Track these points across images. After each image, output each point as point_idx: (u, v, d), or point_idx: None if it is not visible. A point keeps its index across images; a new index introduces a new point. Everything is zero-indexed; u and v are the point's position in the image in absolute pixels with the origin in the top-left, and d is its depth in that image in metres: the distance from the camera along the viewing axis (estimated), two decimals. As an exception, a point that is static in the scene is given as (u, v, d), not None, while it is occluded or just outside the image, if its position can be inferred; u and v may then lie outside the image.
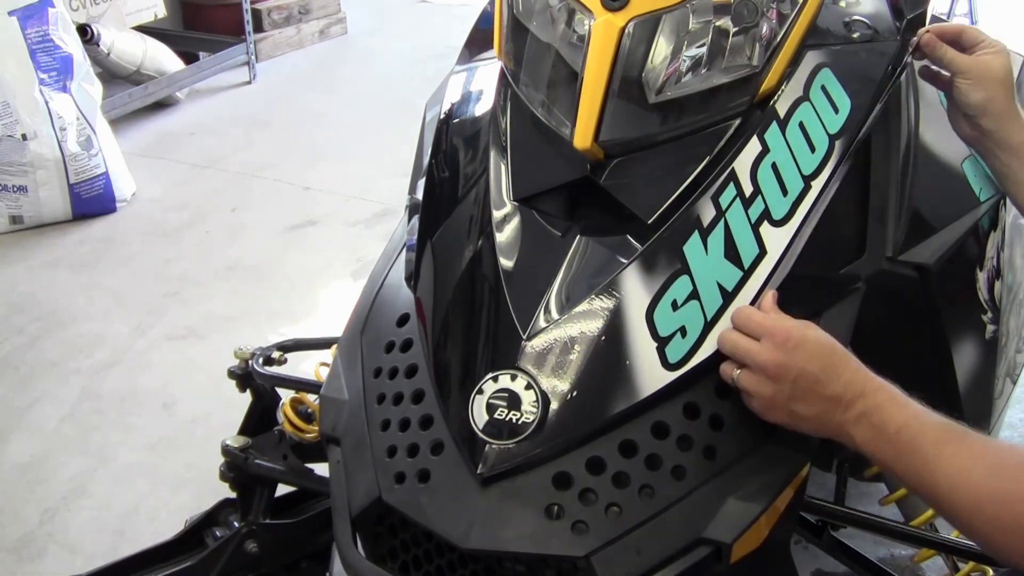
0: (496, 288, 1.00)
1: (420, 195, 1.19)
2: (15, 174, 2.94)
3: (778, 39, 1.01)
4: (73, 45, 3.06)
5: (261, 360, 1.48)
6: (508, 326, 0.96)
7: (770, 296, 0.93)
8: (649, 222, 0.98)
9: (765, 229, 0.97)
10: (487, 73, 1.25)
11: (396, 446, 0.97)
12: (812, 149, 1.01)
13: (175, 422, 2.15)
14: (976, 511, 0.77)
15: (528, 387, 0.92)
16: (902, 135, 1.14)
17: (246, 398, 1.53)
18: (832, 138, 1.01)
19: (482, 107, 1.21)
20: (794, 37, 1.02)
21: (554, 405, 0.91)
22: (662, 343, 0.93)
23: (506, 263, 1.01)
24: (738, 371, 0.89)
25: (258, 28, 4.56)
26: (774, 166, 0.99)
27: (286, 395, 1.45)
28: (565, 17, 1.04)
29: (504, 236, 1.03)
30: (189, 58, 4.27)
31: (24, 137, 2.90)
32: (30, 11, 2.91)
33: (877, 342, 1.09)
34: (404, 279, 1.12)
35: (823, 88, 1.03)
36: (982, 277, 1.22)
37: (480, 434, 0.91)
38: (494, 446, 0.91)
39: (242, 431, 1.48)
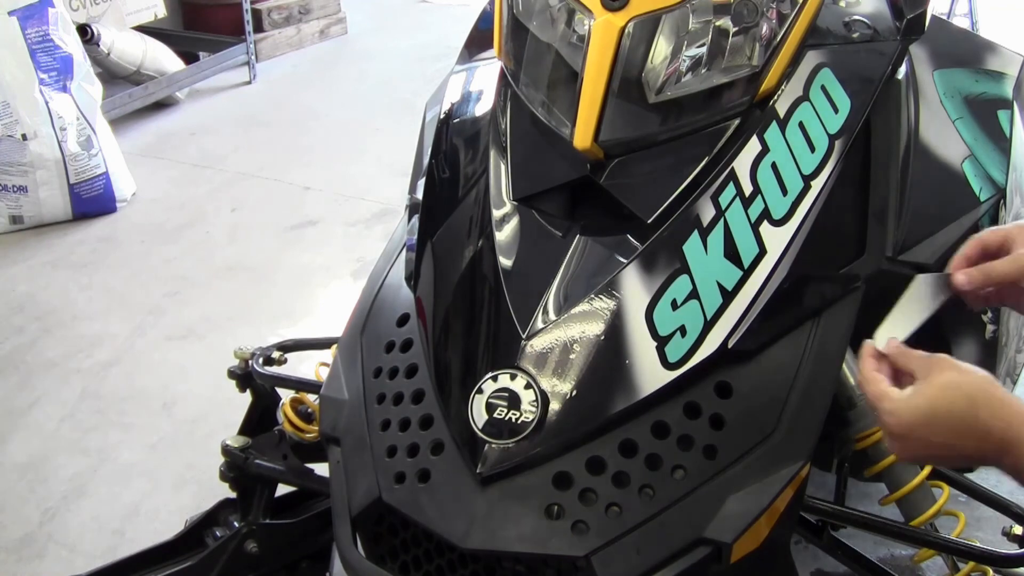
0: (496, 288, 1.00)
1: (420, 195, 1.19)
2: (15, 174, 2.94)
3: (778, 39, 1.02)
4: (73, 45, 3.06)
5: (261, 360, 1.48)
6: (508, 326, 0.96)
7: (889, 351, 0.87)
8: (649, 222, 0.98)
9: (765, 228, 0.97)
10: (487, 73, 1.25)
11: (396, 446, 0.97)
12: (812, 149, 1.01)
13: (175, 422, 2.15)
14: None
15: (527, 386, 0.92)
16: (902, 135, 1.14)
17: (246, 398, 1.53)
18: (832, 138, 1.01)
19: (482, 107, 1.21)
20: (794, 37, 1.02)
21: (554, 405, 0.91)
22: (662, 342, 0.93)
23: (506, 263, 1.01)
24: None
25: (258, 28, 4.56)
26: (774, 166, 0.99)
27: (286, 395, 1.45)
28: (565, 17, 1.04)
29: (504, 236, 1.03)
30: (189, 58, 4.27)
31: (24, 137, 2.90)
32: (30, 11, 2.91)
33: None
34: (404, 279, 1.12)
35: (823, 88, 1.03)
36: (982, 277, 1.21)
37: (480, 433, 0.91)
38: (494, 446, 0.91)
39: (242, 431, 1.48)
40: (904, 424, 0.82)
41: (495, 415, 0.91)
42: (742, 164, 1.00)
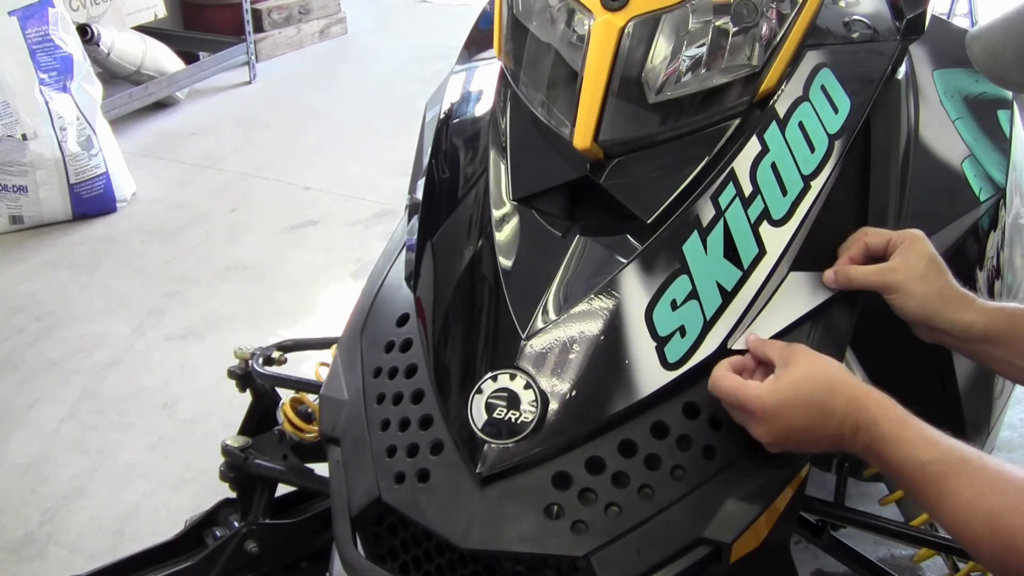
0: (496, 288, 1.00)
1: (420, 195, 1.19)
2: (15, 174, 2.94)
3: (778, 39, 1.01)
4: (73, 45, 3.06)
5: (261, 360, 1.48)
6: (507, 326, 0.96)
7: (749, 344, 0.93)
8: (648, 222, 0.98)
9: (764, 229, 0.97)
10: (487, 73, 1.26)
11: (396, 446, 0.97)
12: (812, 149, 1.01)
13: (175, 422, 2.15)
14: (980, 545, 0.78)
15: (527, 386, 0.92)
16: (902, 135, 1.14)
17: (246, 398, 1.53)
18: (832, 138, 1.01)
19: (482, 107, 1.21)
20: (794, 37, 1.02)
21: (553, 405, 0.91)
22: (661, 343, 0.93)
23: (506, 263, 1.01)
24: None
25: (258, 28, 4.56)
26: (773, 166, 0.99)
27: (286, 395, 1.45)
28: (565, 17, 1.04)
29: (504, 236, 1.03)
30: (189, 58, 4.27)
31: (24, 137, 2.90)
32: (30, 11, 2.92)
33: (877, 342, 1.09)
34: (404, 279, 1.12)
35: (823, 88, 1.03)
36: (982, 277, 1.22)
37: (479, 433, 0.91)
38: (493, 446, 0.91)
39: (242, 431, 1.48)
40: (770, 407, 0.85)
41: (495, 415, 0.91)
42: (742, 164, 1.00)
